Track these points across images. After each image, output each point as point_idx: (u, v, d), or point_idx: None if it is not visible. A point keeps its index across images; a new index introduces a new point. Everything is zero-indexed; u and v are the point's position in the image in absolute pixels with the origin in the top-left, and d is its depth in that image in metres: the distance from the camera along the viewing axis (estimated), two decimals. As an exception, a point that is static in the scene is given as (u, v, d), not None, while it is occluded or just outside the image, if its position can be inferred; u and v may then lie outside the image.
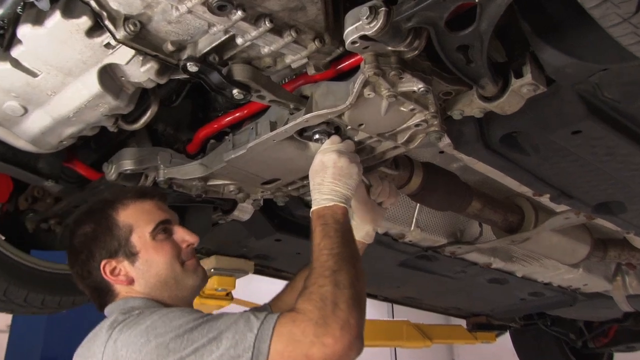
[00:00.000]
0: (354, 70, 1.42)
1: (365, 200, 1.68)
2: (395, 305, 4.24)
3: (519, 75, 1.36)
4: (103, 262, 1.45)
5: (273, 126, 1.55)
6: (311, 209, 1.44)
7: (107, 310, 1.45)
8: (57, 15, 1.26)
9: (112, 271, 1.45)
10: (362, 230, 1.70)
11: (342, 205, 1.42)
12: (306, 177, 1.79)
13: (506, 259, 3.09)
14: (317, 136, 1.51)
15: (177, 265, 1.47)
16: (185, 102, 1.84)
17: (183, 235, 1.52)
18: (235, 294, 3.73)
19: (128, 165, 1.81)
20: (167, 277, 1.45)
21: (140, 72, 1.39)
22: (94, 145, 1.99)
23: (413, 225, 2.56)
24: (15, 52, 1.36)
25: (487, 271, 3.14)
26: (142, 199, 1.53)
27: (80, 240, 1.49)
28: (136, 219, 1.48)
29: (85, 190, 2.08)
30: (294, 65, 1.40)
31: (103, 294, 1.48)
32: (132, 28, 1.22)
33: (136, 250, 1.45)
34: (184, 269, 1.48)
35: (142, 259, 1.45)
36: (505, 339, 5.07)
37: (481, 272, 3.13)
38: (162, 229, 1.49)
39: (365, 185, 1.68)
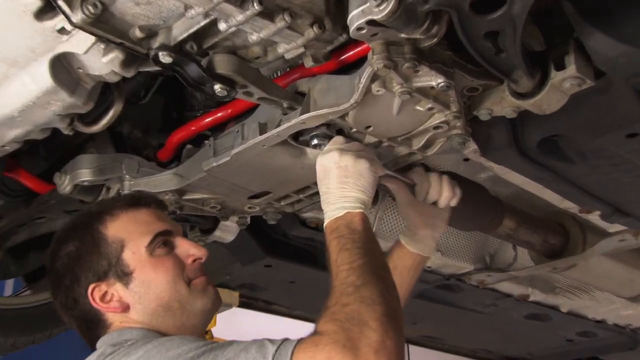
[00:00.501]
0: (359, 61, 1.43)
1: (412, 202, 1.69)
2: (411, 346, 4.23)
3: (561, 66, 1.37)
4: (91, 287, 1.43)
5: (263, 129, 1.56)
6: (324, 225, 1.43)
7: (97, 345, 1.43)
8: (-2, -7, 1.27)
9: (103, 297, 1.43)
10: (417, 240, 1.71)
11: (357, 211, 1.41)
12: (302, 190, 1.81)
13: (547, 290, 3.09)
14: (315, 141, 1.52)
15: (182, 284, 1.45)
16: (156, 100, 1.86)
17: (188, 249, 1.50)
18: (215, 331, 3.73)
19: (86, 175, 1.82)
20: (169, 301, 1.43)
21: (102, 63, 1.40)
22: (43, 151, 2.00)
23: (432, 249, 2.57)
24: (-53, 38, 1.37)
25: (524, 305, 3.13)
26: (135, 207, 1.51)
27: (62, 262, 1.47)
28: (129, 232, 1.46)
29: (32, 205, 2.09)
30: (287, 56, 1.41)
31: (93, 326, 1.46)
32: (91, 10, 1.22)
33: (130, 270, 1.43)
34: (191, 290, 1.46)
35: (138, 280, 1.43)
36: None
37: (516, 305, 3.13)
38: (162, 242, 1.47)
39: (408, 185, 1.67)
